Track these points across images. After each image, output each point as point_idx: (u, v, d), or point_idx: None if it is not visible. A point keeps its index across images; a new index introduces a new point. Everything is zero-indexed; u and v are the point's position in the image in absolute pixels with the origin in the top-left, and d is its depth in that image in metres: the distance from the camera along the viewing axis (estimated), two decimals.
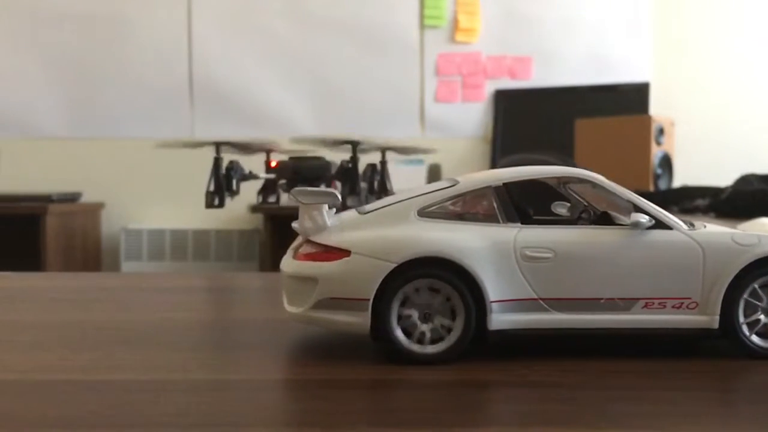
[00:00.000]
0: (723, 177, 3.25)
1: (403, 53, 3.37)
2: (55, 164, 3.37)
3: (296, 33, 3.36)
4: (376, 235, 0.58)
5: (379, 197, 0.98)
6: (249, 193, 1.07)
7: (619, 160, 2.58)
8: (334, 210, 0.62)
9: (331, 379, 0.54)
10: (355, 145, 0.96)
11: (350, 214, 0.63)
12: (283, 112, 3.35)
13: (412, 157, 3.33)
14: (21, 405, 0.47)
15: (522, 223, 0.61)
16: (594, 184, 0.64)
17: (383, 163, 1.02)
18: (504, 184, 0.62)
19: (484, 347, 0.59)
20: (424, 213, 0.61)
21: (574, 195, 0.71)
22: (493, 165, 3.30)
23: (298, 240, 0.63)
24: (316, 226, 0.60)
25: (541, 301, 0.59)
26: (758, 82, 3.43)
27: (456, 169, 3.41)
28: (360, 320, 0.57)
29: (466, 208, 0.62)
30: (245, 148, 0.99)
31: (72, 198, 3.15)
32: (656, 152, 2.54)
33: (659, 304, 0.60)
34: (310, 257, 0.59)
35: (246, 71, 3.34)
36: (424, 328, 0.58)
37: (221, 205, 0.98)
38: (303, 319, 0.60)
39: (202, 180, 0.97)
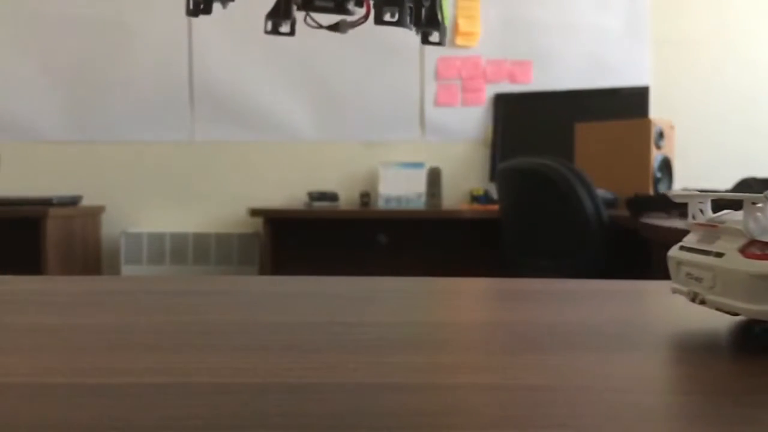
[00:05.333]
0: (722, 180, 3.26)
1: (403, 57, 3.37)
2: (56, 168, 3.37)
3: (297, 37, 3.36)
4: None
5: (425, 31, 0.83)
6: (247, 196, 1.04)
7: (619, 163, 2.58)
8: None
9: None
10: None
11: None
12: (283, 116, 3.35)
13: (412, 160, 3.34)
14: (22, 409, 0.47)
15: None
16: None
17: None
18: None
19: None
20: None
21: None
22: (493, 169, 3.30)
23: (738, 241, 0.64)
24: (759, 227, 0.63)
25: None
26: (758, 85, 3.44)
27: (456, 173, 3.42)
28: None
29: None
30: None
31: (72, 201, 3.15)
32: (656, 155, 2.55)
33: None
34: None
35: (246, 75, 3.34)
36: None
37: (207, 10, 0.74)
38: None
39: (201, 183, 0.95)
